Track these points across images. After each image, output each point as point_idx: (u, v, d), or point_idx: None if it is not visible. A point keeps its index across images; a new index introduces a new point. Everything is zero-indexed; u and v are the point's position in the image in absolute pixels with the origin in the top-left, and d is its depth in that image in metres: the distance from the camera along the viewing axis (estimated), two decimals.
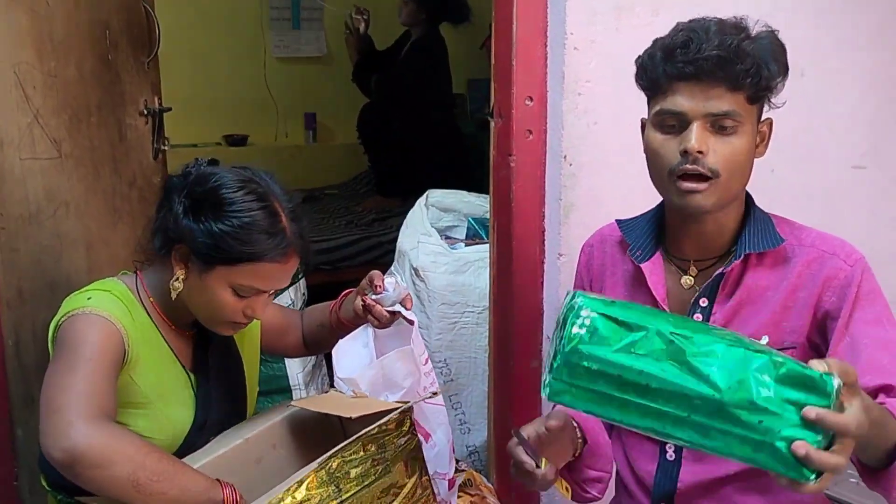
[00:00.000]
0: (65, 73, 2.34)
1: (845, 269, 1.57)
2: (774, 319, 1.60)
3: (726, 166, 1.53)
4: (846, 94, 2.57)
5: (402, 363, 1.86)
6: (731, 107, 1.51)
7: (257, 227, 1.62)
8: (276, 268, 1.66)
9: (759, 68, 1.50)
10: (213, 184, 1.66)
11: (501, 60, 2.35)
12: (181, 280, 1.67)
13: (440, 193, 3.49)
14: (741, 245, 1.61)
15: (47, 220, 2.34)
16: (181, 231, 1.65)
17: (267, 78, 6.05)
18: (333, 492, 1.49)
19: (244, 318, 1.70)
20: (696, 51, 1.48)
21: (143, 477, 1.46)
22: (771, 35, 1.56)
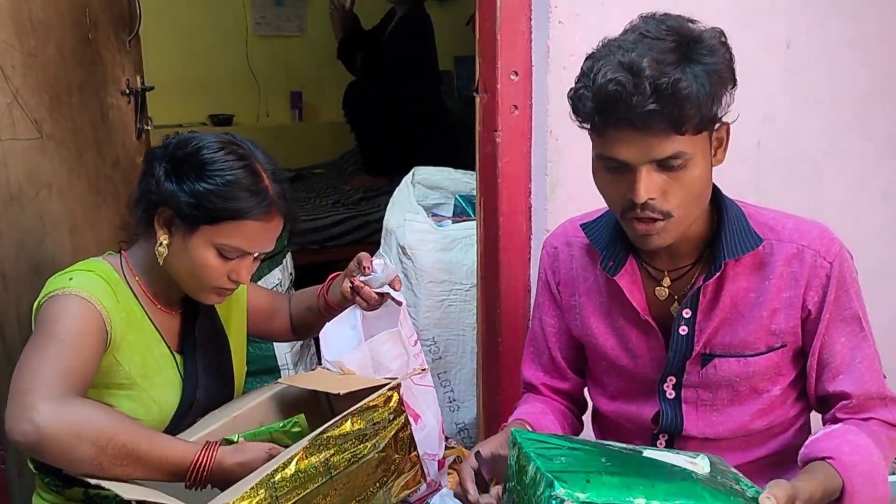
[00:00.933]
0: (44, 52, 2.32)
1: (825, 267, 1.55)
2: (763, 324, 1.58)
3: (679, 204, 1.46)
4: (832, 65, 2.57)
5: (391, 345, 1.85)
6: (675, 149, 1.41)
7: (239, 185, 1.62)
8: (259, 227, 1.65)
9: (701, 107, 1.39)
10: (193, 146, 1.66)
11: (486, 35, 2.33)
12: (165, 245, 1.66)
13: (427, 171, 3.47)
14: (719, 254, 1.55)
15: (29, 202, 2.31)
16: (164, 194, 1.64)
17: (249, 56, 6.01)
18: (323, 468, 1.49)
19: (229, 283, 1.69)
20: (628, 107, 1.37)
21: (105, 461, 1.44)
22: (713, 55, 1.43)
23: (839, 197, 2.66)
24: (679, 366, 1.63)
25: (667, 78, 1.35)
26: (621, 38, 1.45)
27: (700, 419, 1.65)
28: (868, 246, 1.82)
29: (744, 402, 1.63)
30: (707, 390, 1.63)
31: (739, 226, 1.56)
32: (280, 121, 6.40)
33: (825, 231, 1.59)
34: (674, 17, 1.47)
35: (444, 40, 5.44)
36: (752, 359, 1.59)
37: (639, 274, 1.64)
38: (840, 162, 2.66)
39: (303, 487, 1.45)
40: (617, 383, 1.75)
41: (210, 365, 1.83)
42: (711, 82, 1.40)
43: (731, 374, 1.60)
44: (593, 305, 1.72)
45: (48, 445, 1.40)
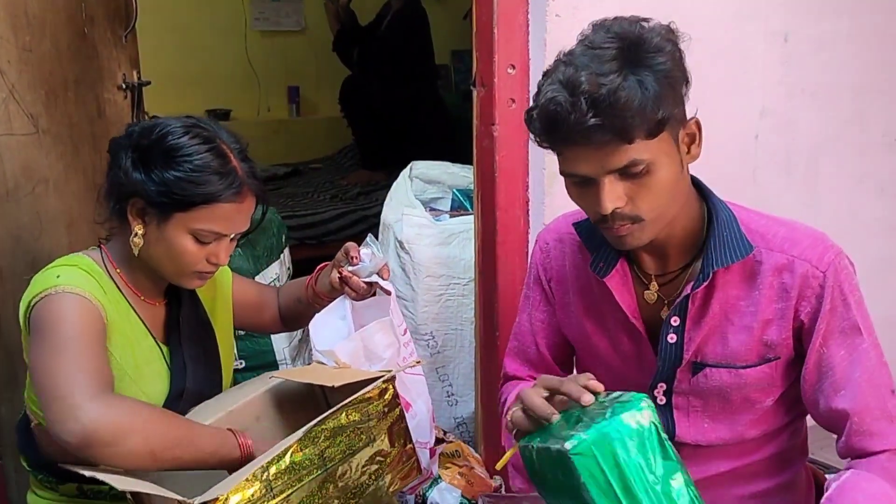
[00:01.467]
0: (40, 47, 2.31)
1: (818, 277, 1.49)
2: (755, 335, 1.54)
3: (650, 209, 1.43)
4: (830, 59, 2.57)
5: (382, 334, 1.85)
6: (629, 158, 1.38)
7: (208, 169, 1.61)
8: (232, 208, 1.64)
9: (646, 111, 1.34)
10: (158, 133, 1.65)
11: (483, 29, 2.33)
12: (140, 236, 1.65)
13: (424, 165, 3.47)
14: (707, 261, 1.51)
15: (26, 198, 2.31)
16: (133, 185, 1.63)
17: (248, 51, 6.01)
18: (318, 460, 1.49)
19: (209, 267, 1.69)
20: (570, 125, 1.35)
21: (157, 446, 1.47)
22: (659, 54, 1.38)
23: (836, 190, 2.66)
24: (669, 373, 1.60)
25: (604, 90, 1.33)
26: (570, 50, 1.43)
27: (692, 426, 1.63)
28: (865, 239, 1.81)
29: (736, 411, 1.60)
30: (698, 398, 1.61)
31: (731, 232, 1.52)
32: (278, 115, 6.40)
33: (818, 240, 1.53)
34: (625, 20, 1.43)
35: (441, 35, 5.43)
36: (745, 370, 1.56)
37: (629, 276, 1.61)
38: (838, 155, 2.65)
39: (297, 480, 1.45)
40: (609, 384, 1.72)
41: (197, 354, 1.82)
42: (659, 85, 1.35)
43: (722, 384, 1.57)
44: (585, 305, 1.70)
45: (98, 440, 1.42)
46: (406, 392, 1.85)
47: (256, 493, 1.39)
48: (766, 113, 2.52)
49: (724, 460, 1.63)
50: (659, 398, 1.63)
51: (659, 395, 1.63)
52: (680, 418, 1.63)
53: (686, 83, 1.43)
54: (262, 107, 6.34)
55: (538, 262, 1.79)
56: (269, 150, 6.16)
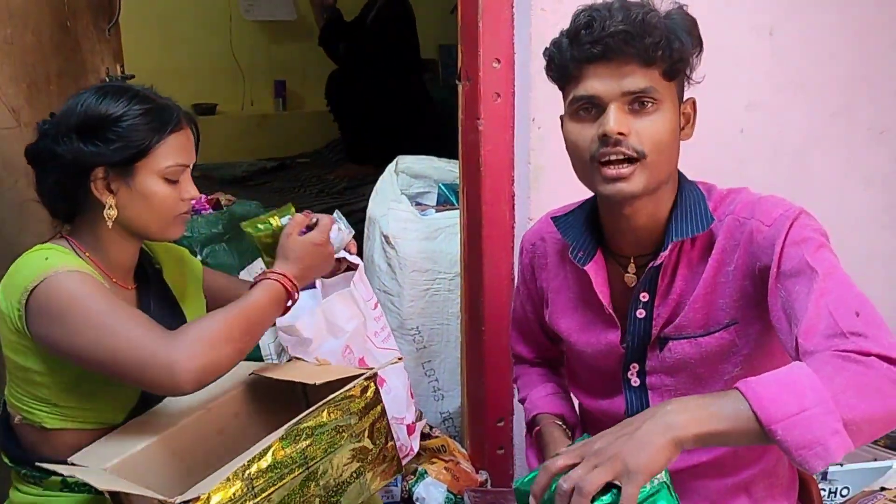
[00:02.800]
0: (22, 40, 2.30)
1: (763, 231, 1.46)
2: (709, 300, 1.54)
3: (652, 145, 1.44)
4: (817, 52, 2.57)
5: (343, 306, 1.85)
6: (646, 83, 1.42)
7: (143, 111, 1.66)
8: (182, 136, 1.70)
9: (670, 40, 1.42)
10: (81, 108, 1.67)
11: (468, 23, 2.32)
12: (113, 205, 1.67)
13: (410, 160, 3.46)
14: (668, 234, 1.53)
15: (7, 192, 2.30)
16: (92, 157, 1.65)
17: (233, 45, 5.98)
18: (299, 458, 1.48)
19: (186, 206, 1.73)
20: (601, 29, 1.40)
21: (240, 341, 1.59)
22: (679, 10, 1.48)
23: (824, 184, 2.66)
24: (640, 352, 1.62)
25: (638, 10, 1.42)
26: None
27: None
28: (853, 232, 1.81)
29: (705, 384, 1.59)
30: (668, 375, 1.61)
31: (696, 207, 1.54)
32: (264, 110, 6.38)
33: (778, 203, 1.50)
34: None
35: (428, 29, 5.43)
36: (704, 339, 1.56)
37: (604, 263, 1.62)
38: (825, 148, 2.65)
39: (279, 478, 1.44)
40: (590, 379, 1.75)
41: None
42: (682, 24, 1.45)
43: (685, 356, 1.58)
44: (562, 301, 1.72)
45: (209, 376, 1.55)
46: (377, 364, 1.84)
47: (238, 492, 1.38)
48: (752, 107, 2.52)
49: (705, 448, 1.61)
50: (633, 380, 1.64)
51: (633, 377, 1.64)
52: (654, 399, 1.64)
53: (699, 51, 1.50)
54: (247, 101, 6.32)
55: (525, 264, 1.83)
56: (255, 145, 6.14)
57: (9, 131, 2.28)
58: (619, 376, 1.66)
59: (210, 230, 3.02)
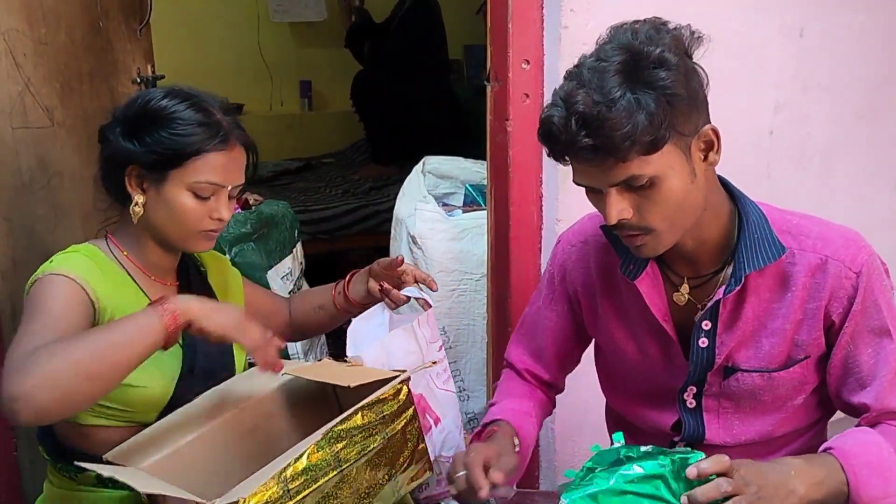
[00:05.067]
0: (55, 40, 2.32)
1: (850, 278, 1.48)
2: (787, 337, 1.53)
3: (657, 220, 1.42)
4: (845, 53, 2.56)
5: (403, 340, 1.86)
6: (628, 174, 1.37)
7: (193, 121, 1.66)
8: (223, 157, 1.68)
9: (635, 135, 1.32)
10: (140, 102, 1.71)
11: (497, 23, 2.32)
12: (140, 204, 1.69)
13: (437, 160, 3.47)
14: (739, 265, 1.49)
15: (41, 190, 2.32)
16: (126, 154, 1.67)
17: (261, 45, 6.00)
18: (334, 461, 1.49)
19: (213, 224, 1.71)
20: (563, 143, 1.37)
21: (100, 382, 1.44)
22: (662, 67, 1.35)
23: (851, 185, 2.65)
24: (700, 377, 1.60)
25: (596, 110, 1.32)
26: (581, 61, 1.43)
27: (722, 427, 1.62)
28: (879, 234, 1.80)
29: (766, 410, 1.60)
30: (729, 400, 1.60)
31: (762, 234, 1.50)
32: (290, 110, 6.40)
33: (852, 239, 1.52)
34: (640, 26, 1.41)
35: (453, 29, 5.42)
36: (776, 374, 1.55)
37: (660, 279, 1.59)
38: (852, 150, 2.64)
39: (314, 481, 1.45)
40: (636, 386, 1.71)
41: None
42: (657, 103, 1.33)
43: (754, 387, 1.57)
44: (613, 308, 1.68)
45: (46, 416, 1.42)
46: (437, 405, 1.89)
47: (273, 494, 1.39)
48: (781, 108, 2.51)
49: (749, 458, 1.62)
50: (689, 401, 1.63)
51: (689, 398, 1.62)
52: (710, 420, 1.63)
53: (695, 95, 1.41)
54: (274, 101, 6.34)
55: (559, 262, 1.78)
56: (280, 145, 6.16)
57: (42, 130, 2.31)
58: (672, 394, 1.64)
59: (239, 230, 3.04)
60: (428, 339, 1.90)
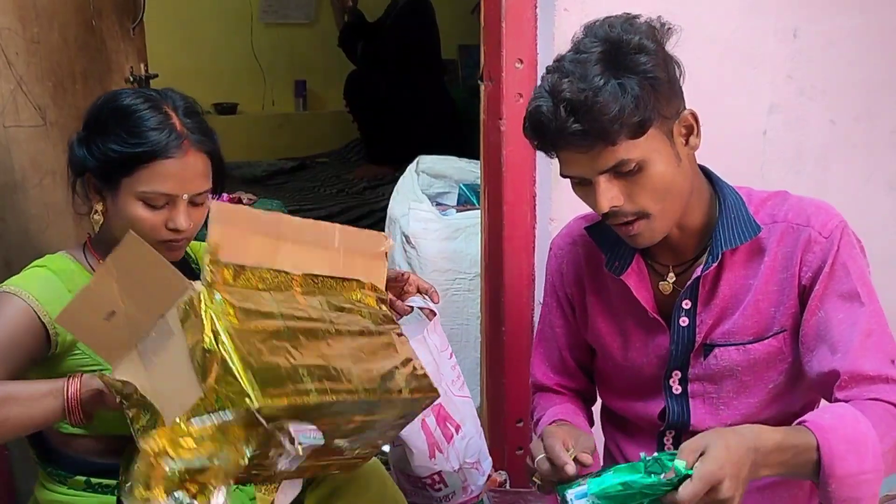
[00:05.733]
0: (48, 39, 2.31)
1: (820, 242, 1.50)
2: (760, 308, 1.55)
3: (649, 202, 1.45)
4: (840, 55, 2.55)
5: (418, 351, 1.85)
6: (617, 158, 1.40)
7: (144, 125, 1.58)
8: (176, 165, 1.59)
9: (624, 118, 1.36)
10: (100, 102, 1.65)
11: (491, 23, 2.32)
12: (100, 212, 1.65)
13: (431, 160, 3.47)
14: (716, 244, 1.53)
15: (33, 189, 2.31)
16: (81, 161, 1.63)
17: (255, 45, 6.00)
18: (324, 314, 1.44)
19: (170, 234, 1.63)
20: (553, 131, 1.40)
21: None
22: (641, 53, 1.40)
23: (846, 187, 2.65)
24: (683, 359, 1.62)
25: (583, 95, 1.36)
26: (560, 55, 1.47)
27: (707, 413, 1.64)
28: (874, 236, 1.80)
29: (749, 392, 1.61)
30: (712, 382, 1.62)
31: (738, 214, 1.54)
32: (284, 109, 6.40)
33: (824, 208, 1.54)
34: (612, 20, 1.46)
35: (448, 29, 5.43)
36: (752, 346, 1.57)
37: (645, 272, 1.63)
38: (847, 152, 2.64)
39: (309, 321, 1.39)
40: (624, 381, 1.73)
41: None
42: (640, 87, 1.38)
43: (731, 363, 1.59)
44: (601, 305, 1.71)
45: None
46: (455, 413, 1.90)
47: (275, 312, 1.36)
48: (775, 109, 2.51)
49: None
50: (675, 387, 1.64)
51: (674, 384, 1.64)
52: (696, 406, 1.64)
53: (674, 79, 1.45)
54: (268, 101, 6.34)
55: (554, 269, 1.80)
56: (275, 144, 6.16)
57: (35, 130, 2.30)
58: (659, 382, 1.66)
59: None
60: (439, 348, 1.90)
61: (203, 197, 1.65)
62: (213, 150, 1.67)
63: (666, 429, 1.69)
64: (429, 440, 1.88)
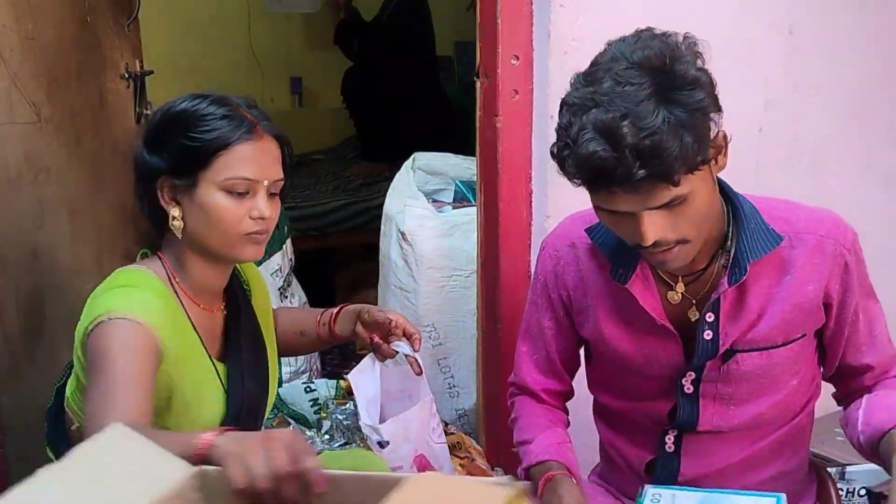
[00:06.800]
0: (43, 35, 2.31)
1: (844, 255, 1.55)
2: (787, 318, 1.56)
3: (691, 230, 1.43)
4: (835, 51, 2.56)
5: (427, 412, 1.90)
6: (671, 196, 1.37)
7: (214, 116, 1.58)
8: (252, 148, 1.58)
9: (687, 157, 1.33)
10: (160, 111, 1.64)
11: (486, 19, 2.32)
12: (179, 217, 1.60)
13: (427, 156, 3.46)
14: (741, 256, 1.52)
15: (28, 186, 2.31)
16: (153, 167, 1.60)
17: (251, 41, 5.99)
18: None
19: (255, 225, 1.60)
20: (617, 177, 1.33)
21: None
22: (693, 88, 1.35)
23: (841, 184, 2.65)
24: (700, 364, 1.61)
25: (648, 140, 1.30)
26: (594, 78, 1.38)
27: (716, 413, 1.63)
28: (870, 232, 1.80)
29: (764, 393, 1.61)
30: (727, 384, 1.61)
31: (756, 224, 1.53)
32: (280, 106, 6.39)
33: (837, 218, 1.59)
34: (643, 40, 1.39)
35: (444, 26, 5.41)
36: (775, 350, 1.58)
37: (651, 279, 1.60)
38: (842, 148, 2.64)
39: None
40: (629, 382, 1.71)
41: (253, 371, 1.75)
42: (695, 123, 1.34)
43: (754, 367, 1.58)
44: (605, 308, 1.67)
45: None
46: (435, 460, 1.90)
47: None
48: (770, 106, 2.51)
49: (740, 445, 1.65)
50: (686, 387, 1.63)
51: (687, 384, 1.63)
52: (706, 405, 1.63)
53: (718, 110, 1.42)
54: (264, 97, 6.32)
55: (548, 269, 1.76)
56: None
57: (29, 126, 2.29)
58: (669, 383, 1.65)
59: None
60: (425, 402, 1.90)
61: (279, 186, 1.65)
62: (283, 136, 1.67)
63: (670, 428, 1.69)
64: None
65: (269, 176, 1.61)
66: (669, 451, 1.69)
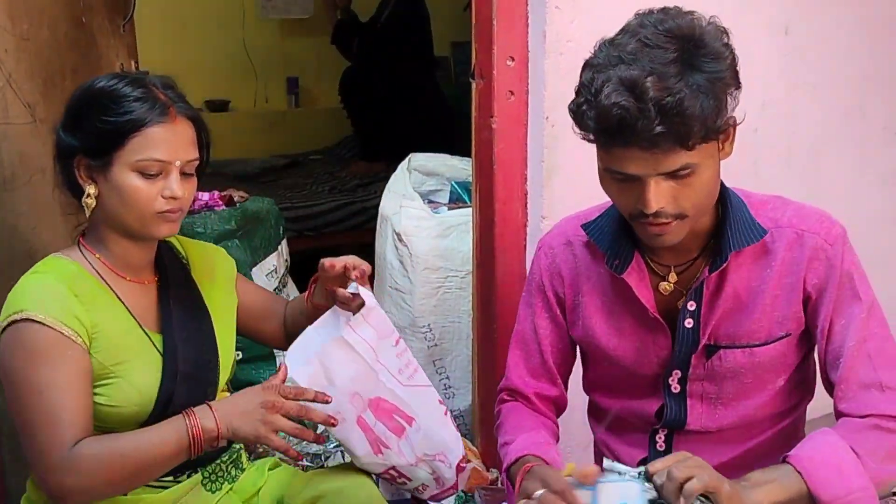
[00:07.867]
0: (38, 35, 2.30)
1: (825, 249, 1.53)
2: (766, 312, 1.57)
3: (692, 207, 1.45)
4: (831, 51, 2.56)
5: (339, 352, 1.73)
6: (683, 162, 1.39)
7: (127, 98, 1.61)
8: (165, 131, 1.62)
9: (705, 121, 1.36)
10: (79, 91, 1.68)
11: (482, 20, 2.32)
12: (93, 195, 1.65)
13: (423, 157, 3.46)
14: (725, 246, 1.54)
15: (23, 187, 2.30)
16: (71, 146, 1.65)
17: (246, 41, 5.98)
18: None
19: (168, 204, 1.64)
20: (637, 131, 1.35)
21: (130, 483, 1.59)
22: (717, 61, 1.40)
23: (838, 183, 2.65)
24: (685, 359, 1.62)
25: (671, 97, 1.33)
26: (620, 42, 1.42)
27: (704, 413, 1.64)
28: (867, 231, 1.81)
29: (749, 394, 1.62)
30: (713, 383, 1.62)
31: (742, 217, 1.56)
32: (277, 107, 6.38)
33: (825, 215, 1.57)
34: (672, 13, 1.43)
35: (441, 26, 5.42)
36: (758, 349, 1.58)
37: (645, 271, 1.62)
38: (839, 148, 2.65)
39: None
40: (619, 381, 1.72)
41: (189, 337, 1.78)
42: (716, 92, 1.38)
43: (736, 365, 1.59)
44: (596, 304, 1.69)
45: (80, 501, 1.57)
46: (404, 405, 1.78)
47: None
48: (767, 105, 2.51)
49: (730, 446, 1.65)
50: (673, 386, 1.65)
51: (673, 383, 1.64)
52: (693, 405, 1.64)
53: (737, 87, 1.46)
54: (260, 97, 6.32)
55: (543, 267, 1.77)
56: (267, 142, 6.14)
57: (24, 126, 2.28)
58: (657, 381, 1.66)
59: (223, 226, 3.02)
60: (377, 338, 1.75)
61: (193, 166, 1.69)
62: (197, 117, 1.71)
63: (659, 427, 1.69)
64: (369, 437, 1.76)
65: (181, 157, 1.65)
66: (660, 450, 1.70)
